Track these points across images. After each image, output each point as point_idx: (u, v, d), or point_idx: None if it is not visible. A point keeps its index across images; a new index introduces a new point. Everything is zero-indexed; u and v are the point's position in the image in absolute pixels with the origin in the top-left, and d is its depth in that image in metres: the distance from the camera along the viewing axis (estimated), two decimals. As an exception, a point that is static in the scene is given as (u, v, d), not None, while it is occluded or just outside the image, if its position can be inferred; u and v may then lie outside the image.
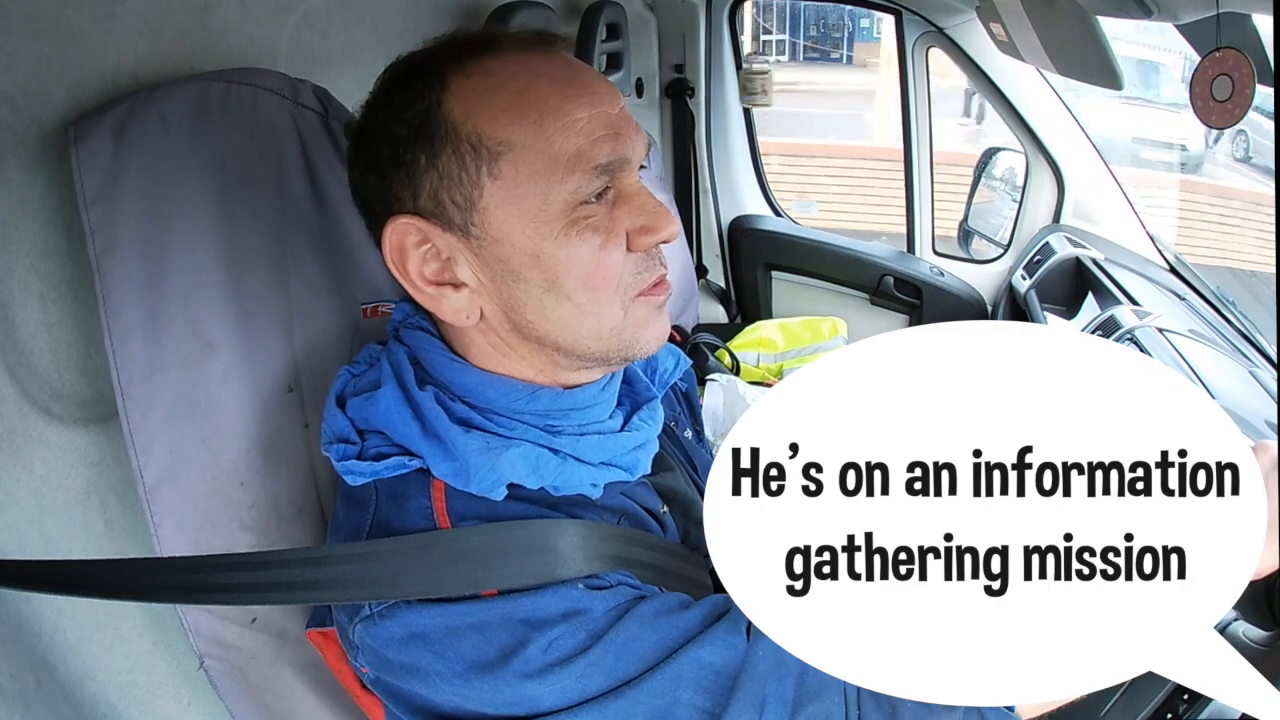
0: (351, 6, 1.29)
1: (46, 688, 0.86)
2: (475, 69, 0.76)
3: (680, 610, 0.75)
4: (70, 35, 0.84)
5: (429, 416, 0.78)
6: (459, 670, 0.71)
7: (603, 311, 0.78)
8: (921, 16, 2.44)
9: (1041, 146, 2.40)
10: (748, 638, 0.73)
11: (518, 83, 0.75)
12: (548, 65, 0.77)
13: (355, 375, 0.86)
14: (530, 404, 0.81)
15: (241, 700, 0.96)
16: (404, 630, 0.73)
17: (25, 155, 0.82)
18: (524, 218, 0.75)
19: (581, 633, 0.71)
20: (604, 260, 0.76)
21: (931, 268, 2.64)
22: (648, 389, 0.93)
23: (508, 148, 0.74)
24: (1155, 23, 1.25)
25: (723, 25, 2.73)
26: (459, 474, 0.76)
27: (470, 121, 0.75)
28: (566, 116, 0.74)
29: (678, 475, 0.97)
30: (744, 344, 2.53)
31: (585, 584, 0.74)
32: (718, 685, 0.71)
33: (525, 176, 0.74)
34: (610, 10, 2.08)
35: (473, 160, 0.75)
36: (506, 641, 0.71)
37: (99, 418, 0.91)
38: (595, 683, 0.70)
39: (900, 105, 2.59)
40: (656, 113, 2.81)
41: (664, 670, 0.71)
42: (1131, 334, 1.71)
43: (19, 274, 0.83)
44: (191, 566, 0.78)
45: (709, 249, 2.90)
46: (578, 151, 0.74)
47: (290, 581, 0.74)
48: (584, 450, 0.81)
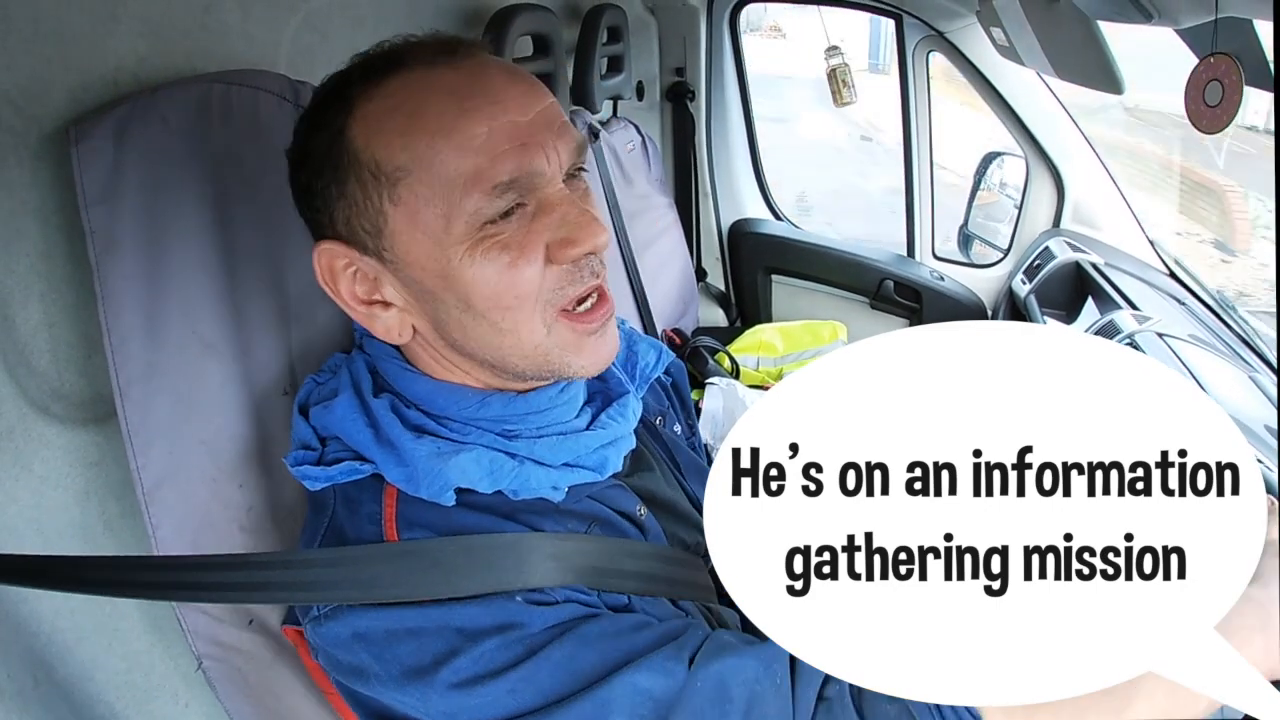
0: (353, 9, 1.30)
1: (44, 688, 0.86)
2: (377, 91, 0.75)
3: (630, 632, 0.74)
4: (71, 36, 0.84)
5: (382, 423, 0.79)
6: (394, 674, 0.72)
7: (521, 329, 0.77)
8: (922, 21, 2.45)
9: (1041, 151, 2.40)
10: (690, 666, 0.71)
11: (412, 103, 0.74)
12: (448, 78, 0.75)
13: (319, 384, 0.87)
14: (481, 410, 0.81)
15: (240, 701, 0.95)
16: (347, 631, 0.73)
17: (26, 155, 0.82)
18: (428, 241, 0.74)
19: (517, 646, 0.71)
20: (513, 279, 0.74)
21: (931, 272, 2.64)
22: (620, 384, 0.91)
23: (405, 173, 0.73)
24: (1155, 27, 1.25)
25: (724, 28, 2.74)
26: (409, 480, 0.77)
27: (369, 149, 0.74)
28: (461, 134, 0.72)
29: (656, 475, 0.95)
30: (744, 347, 2.53)
31: (525, 598, 0.74)
32: (654, 713, 0.69)
33: (424, 201, 0.73)
34: (611, 13, 2.08)
35: (374, 188, 0.74)
36: (440, 649, 0.71)
37: (98, 418, 0.90)
38: (526, 699, 0.70)
39: (900, 109, 2.59)
40: (657, 116, 2.81)
41: (598, 693, 0.69)
42: (1131, 339, 1.71)
43: (19, 274, 0.83)
44: (174, 565, 0.79)
45: (709, 252, 2.90)
46: (475, 171, 0.72)
47: (269, 582, 0.74)
48: (541, 452, 0.81)
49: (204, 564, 0.77)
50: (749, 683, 0.71)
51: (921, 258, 2.68)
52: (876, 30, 8.23)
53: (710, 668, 0.71)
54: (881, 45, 8.37)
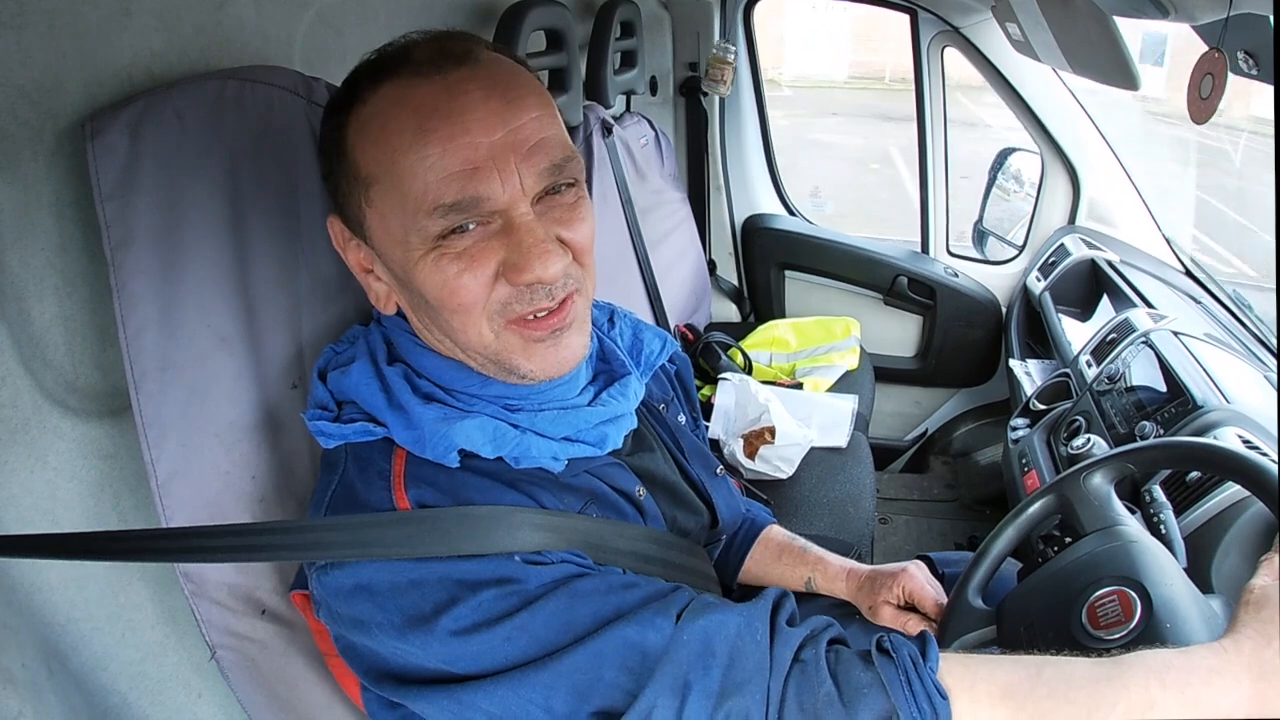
0: (366, 4, 1.30)
1: (58, 677, 0.87)
2: (370, 96, 0.79)
3: (621, 590, 0.78)
4: (86, 31, 0.84)
5: (394, 389, 0.84)
6: (396, 623, 0.75)
7: (469, 330, 0.81)
8: (937, 16, 2.43)
9: (1057, 147, 2.39)
10: (676, 622, 0.75)
11: (386, 115, 0.77)
12: (423, 91, 0.76)
13: (338, 352, 0.91)
14: (485, 389, 0.85)
15: (252, 690, 0.97)
16: (351, 581, 0.77)
17: (42, 151, 0.82)
18: (392, 243, 0.80)
19: (513, 598, 0.74)
20: (457, 287, 0.78)
21: (946, 268, 2.63)
22: (623, 365, 0.96)
23: (374, 180, 0.79)
24: (1173, 23, 1.24)
25: (737, 24, 2.73)
26: (417, 442, 0.81)
27: (354, 150, 0.80)
28: (416, 154, 0.75)
29: (657, 456, 0.99)
30: (757, 343, 2.53)
31: (523, 557, 0.77)
32: (641, 666, 0.73)
33: (389, 208, 0.78)
34: (624, 8, 2.08)
35: (357, 186, 0.80)
36: (440, 598, 0.74)
37: (113, 411, 0.91)
38: (520, 647, 0.73)
39: (915, 105, 2.58)
40: (670, 111, 2.81)
41: (590, 644, 0.73)
42: (1146, 337, 1.70)
43: (35, 268, 0.84)
44: (183, 534, 0.83)
45: (721, 247, 2.90)
46: (424, 190, 0.75)
47: (273, 545, 0.80)
48: (543, 424, 0.85)
49: (212, 532, 0.80)
50: (730, 638, 0.75)
51: (935, 254, 2.66)
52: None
53: (696, 623, 0.75)
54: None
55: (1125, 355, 1.72)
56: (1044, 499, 1.04)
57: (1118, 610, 0.88)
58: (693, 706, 0.71)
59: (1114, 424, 1.60)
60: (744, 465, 1.94)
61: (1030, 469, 1.70)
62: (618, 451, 0.92)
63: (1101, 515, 0.99)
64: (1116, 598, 0.88)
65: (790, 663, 0.75)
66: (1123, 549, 0.94)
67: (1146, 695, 0.72)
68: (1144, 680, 0.73)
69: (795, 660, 0.75)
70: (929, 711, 0.72)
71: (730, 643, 0.74)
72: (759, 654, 0.74)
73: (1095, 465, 1.02)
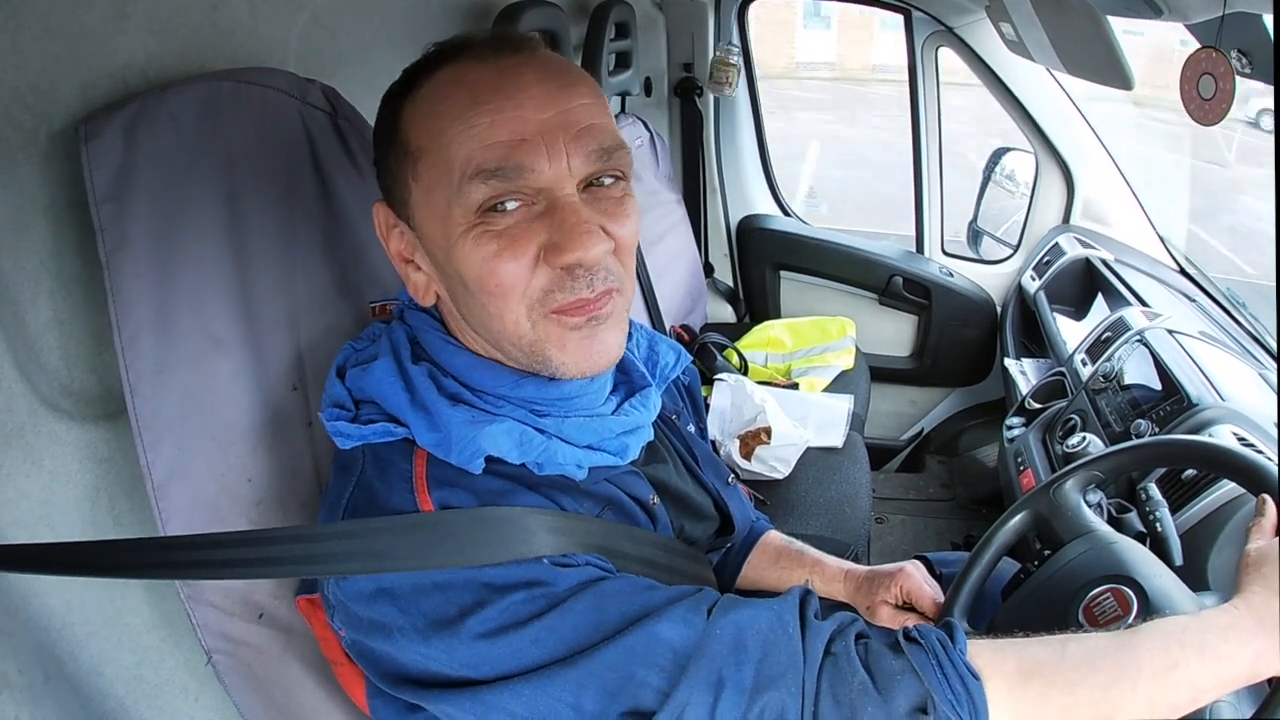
0: (361, 6, 1.30)
1: (55, 682, 0.87)
2: (427, 80, 0.79)
3: (646, 590, 0.77)
4: (81, 33, 0.84)
5: (419, 388, 0.82)
6: (419, 627, 0.73)
7: (506, 317, 0.78)
8: (931, 16, 2.44)
9: (1051, 146, 2.39)
10: (708, 618, 0.74)
11: (440, 91, 0.77)
12: (480, 73, 0.76)
13: (357, 350, 0.89)
14: (516, 390, 0.83)
15: (248, 695, 0.96)
16: (372, 585, 0.75)
17: (36, 153, 0.82)
18: (436, 219, 0.78)
19: (542, 600, 0.73)
20: (495, 268, 0.76)
21: (940, 268, 2.64)
22: (643, 376, 0.95)
23: (423, 152, 0.78)
24: (1166, 22, 1.24)
25: (731, 24, 2.73)
26: (441, 444, 0.79)
27: (407, 128, 0.79)
28: (465, 123, 0.75)
29: (670, 467, 0.99)
30: (752, 344, 2.53)
31: (551, 560, 0.76)
32: (673, 663, 0.72)
33: (434, 181, 0.77)
34: (619, 9, 2.08)
35: (406, 163, 0.79)
36: (467, 601, 0.73)
37: (108, 414, 0.91)
38: (549, 648, 0.72)
39: (909, 105, 2.58)
40: (665, 112, 2.81)
41: (620, 643, 0.72)
42: (1141, 335, 1.71)
43: (30, 271, 0.83)
44: (188, 545, 0.79)
45: (717, 248, 2.90)
46: (468, 156, 0.75)
47: (282, 557, 0.75)
48: (569, 431, 0.83)
49: (215, 542, 0.77)
50: (763, 633, 0.74)
51: (930, 254, 2.67)
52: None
53: (727, 618, 0.75)
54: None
55: (1120, 353, 1.72)
56: (1017, 516, 1.06)
57: (1114, 606, 0.89)
58: (726, 702, 0.71)
59: (1109, 422, 1.61)
60: (740, 466, 1.94)
61: (1026, 468, 1.71)
62: (634, 461, 0.91)
63: (1077, 523, 1.01)
64: (1111, 594, 0.89)
65: (822, 655, 0.74)
66: (1106, 550, 0.96)
67: (1168, 657, 0.75)
68: (1163, 644, 0.76)
69: (827, 653, 0.75)
70: (963, 693, 0.73)
71: (763, 637, 0.74)
72: (791, 648, 0.74)
73: (1062, 477, 1.05)
